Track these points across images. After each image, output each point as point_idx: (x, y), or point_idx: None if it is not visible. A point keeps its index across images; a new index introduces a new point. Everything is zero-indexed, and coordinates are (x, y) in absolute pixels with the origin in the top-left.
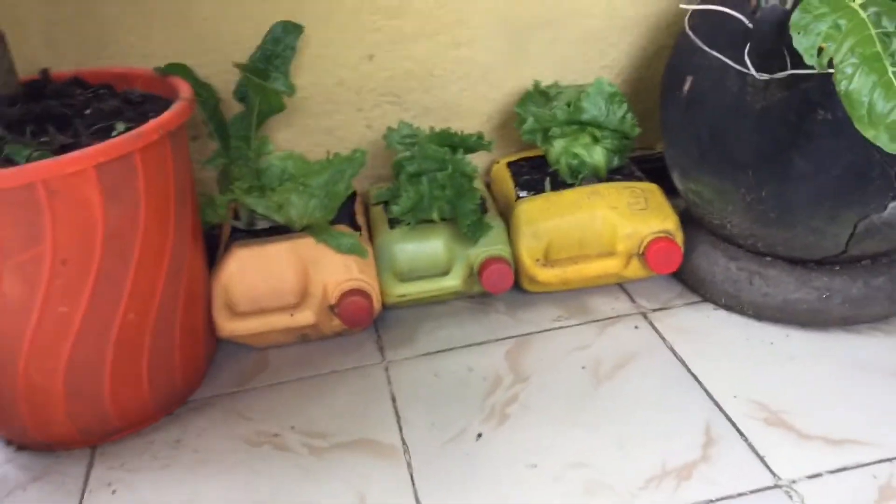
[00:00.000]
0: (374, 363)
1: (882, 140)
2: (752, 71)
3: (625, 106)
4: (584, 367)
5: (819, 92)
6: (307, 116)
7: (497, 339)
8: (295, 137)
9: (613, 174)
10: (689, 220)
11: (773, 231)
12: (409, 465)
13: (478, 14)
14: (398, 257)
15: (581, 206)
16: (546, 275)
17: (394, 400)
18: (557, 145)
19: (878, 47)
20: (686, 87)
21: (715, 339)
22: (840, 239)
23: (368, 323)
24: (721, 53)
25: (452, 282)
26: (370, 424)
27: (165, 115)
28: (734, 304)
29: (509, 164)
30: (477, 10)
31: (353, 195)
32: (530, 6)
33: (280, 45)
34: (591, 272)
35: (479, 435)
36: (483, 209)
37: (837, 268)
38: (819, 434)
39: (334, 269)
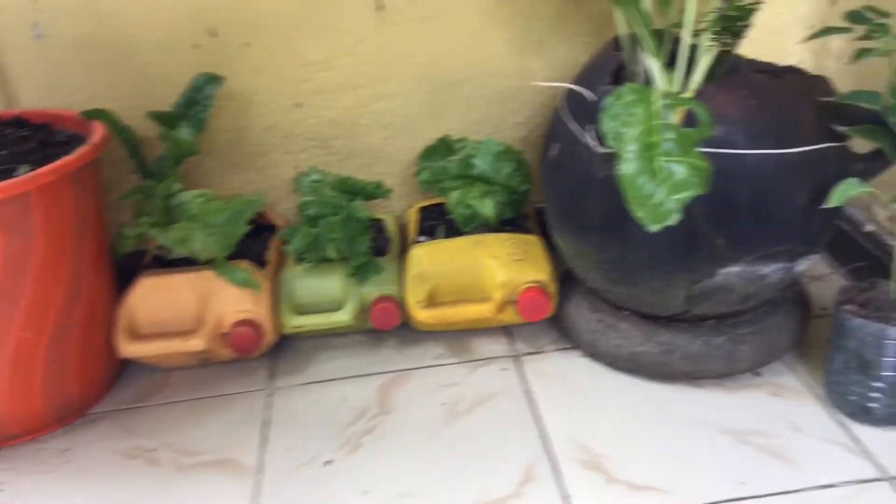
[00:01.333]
0: (260, 389)
1: (646, 220)
2: (591, 143)
3: (512, 164)
4: (443, 404)
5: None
6: (240, 156)
7: (378, 373)
8: (229, 175)
9: (505, 225)
10: (570, 271)
11: (621, 289)
12: (258, 484)
13: (399, 71)
14: (297, 291)
15: (465, 254)
16: (424, 315)
17: (267, 425)
18: (453, 196)
19: (656, 136)
20: (554, 152)
21: (570, 384)
22: (679, 300)
23: (255, 352)
24: (578, 125)
25: (343, 317)
26: (236, 445)
27: (64, 160)
28: (594, 353)
29: (421, 209)
30: (398, 67)
31: (275, 230)
32: (447, 66)
33: (201, 94)
34: (465, 316)
35: (328, 461)
36: (382, 251)
37: (685, 325)
38: (625, 479)
39: (229, 301)
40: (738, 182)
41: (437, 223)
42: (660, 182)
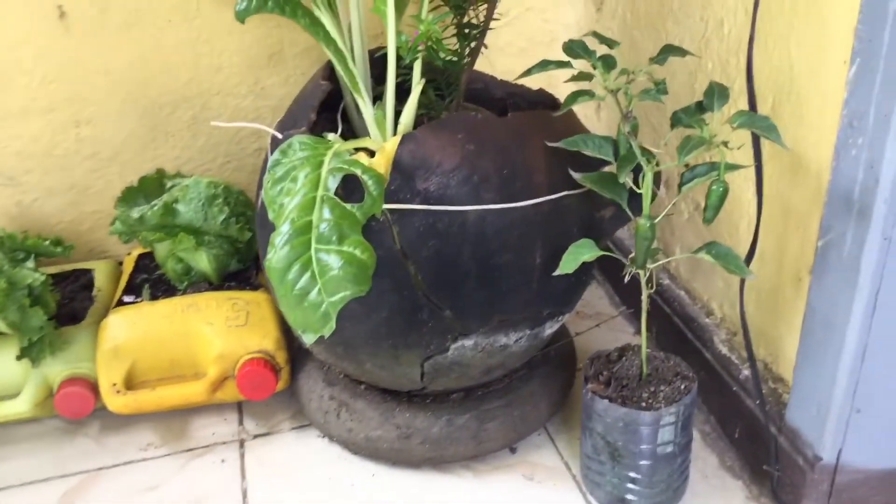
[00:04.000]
0: None
1: (299, 326)
2: None
3: (226, 210)
4: None
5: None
6: None
7: (64, 475)
8: None
9: (230, 280)
10: None
11: (346, 365)
12: None
13: (96, 90)
14: None
15: (174, 321)
16: (118, 403)
17: None
18: (162, 247)
19: (314, 215)
20: (259, 201)
21: (298, 477)
22: (413, 376)
23: None
24: None
25: (20, 406)
26: None
27: None
28: (327, 435)
29: (140, 257)
30: (94, 85)
31: None
32: (159, 84)
33: None
34: (170, 401)
35: None
36: (79, 314)
37: (428, 401)
38: None
39: None
40: (458, 244)
41: (151, 278)
42: (313, 278)
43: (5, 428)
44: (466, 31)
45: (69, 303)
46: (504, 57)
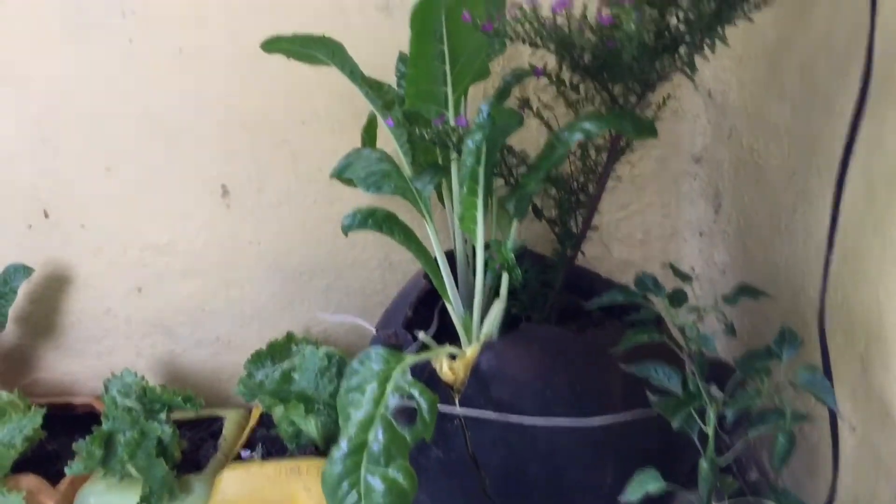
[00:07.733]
0: None
1: None
2: None
3: (336, 381)
4: None
5: (437, 432)
6: (78, 341)
7: None
8: (67, 359)
9: None
10: None
11: None
12: None
13: (246, 258)
14: None
15: (277, 483)
16: None
17: None
18: (277, 411)
19: (370, 434)
20: None
21: None
22: None
23: None
24: None
25: None
26: None
27: None
28: None
29: (264, 413)
30: (245, 254)
31: None
32: (299, 255)
33: (7, 287)
34: None
35: None
36: (202, 463)
37: None
38: None
39: None
40: (527, 456)
41: (269, 434)
42: (359, 498)
43: None
44: (563, 241)
45: (197, 449)
46: (622, 246)
